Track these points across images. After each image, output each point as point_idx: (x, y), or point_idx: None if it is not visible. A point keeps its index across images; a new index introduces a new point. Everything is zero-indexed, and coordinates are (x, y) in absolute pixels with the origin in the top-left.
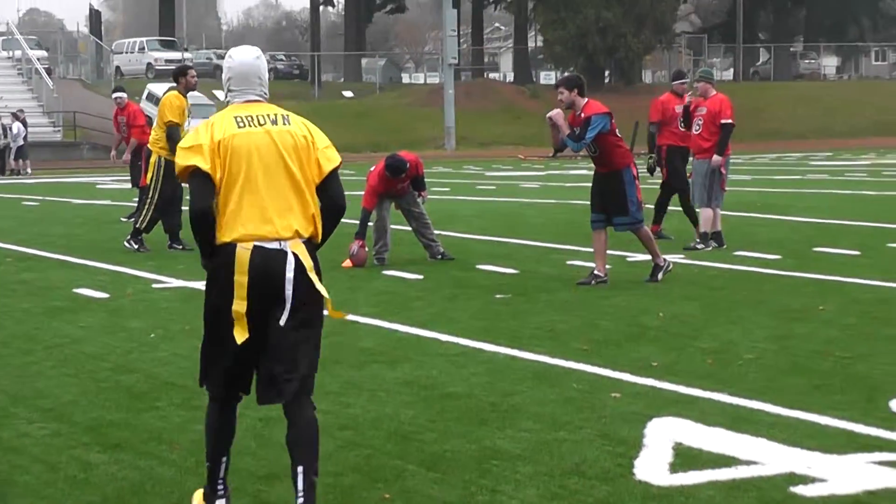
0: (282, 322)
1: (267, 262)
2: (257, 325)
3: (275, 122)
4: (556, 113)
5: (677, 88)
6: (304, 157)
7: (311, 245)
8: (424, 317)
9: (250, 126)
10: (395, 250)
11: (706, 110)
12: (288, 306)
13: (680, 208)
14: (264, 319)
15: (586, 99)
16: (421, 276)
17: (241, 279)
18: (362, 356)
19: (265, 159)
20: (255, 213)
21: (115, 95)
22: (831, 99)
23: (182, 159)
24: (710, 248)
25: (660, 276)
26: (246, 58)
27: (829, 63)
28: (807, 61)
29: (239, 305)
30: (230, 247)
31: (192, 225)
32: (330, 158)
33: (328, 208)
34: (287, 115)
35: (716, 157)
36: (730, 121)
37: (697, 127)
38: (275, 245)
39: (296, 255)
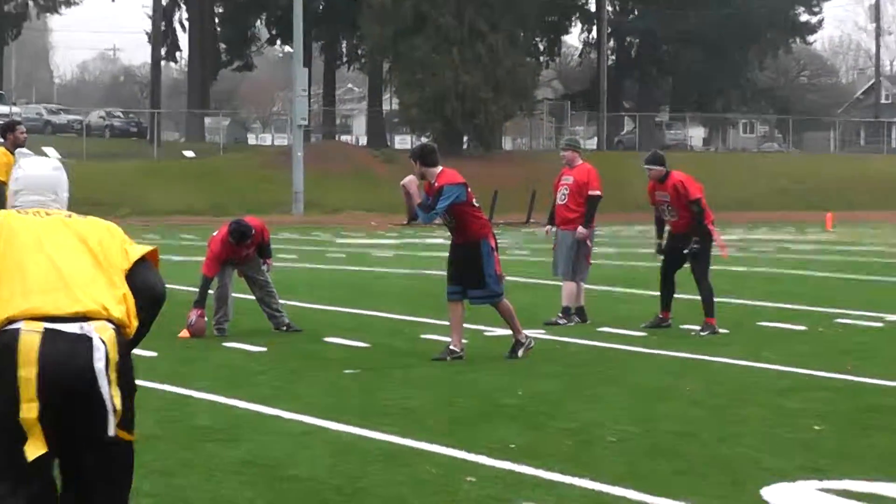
0: (110, 432)
1: (63, 351)
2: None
3: (68, 217)
4: (410, 180)
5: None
6: (105, 240)
7: (122, 337)
8: (266, 392)
9: (36, 216)
10: (236, 320)
11: (572, 180)
12: (111, 410)
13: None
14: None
15: (440, 167)
16: (264, 349)
17: (27, 374)
18: (197, 434)
19: (54, 235)
20: (43, 278)
21: None
22: (698, 171)
23: None
24: (573, 324)
25: (520, 352)
26: (40, 170)
27: (696, 134)
28: (673, 132)
29: (28, 411)
30: (7, 331)
31: None
32: (140, 248)
33: (143, 297)
34: (86, 216)
35: (581, 229)
36: (598, 192)
37: (563, 197)
38: (74, 328)
39: (104, 343)
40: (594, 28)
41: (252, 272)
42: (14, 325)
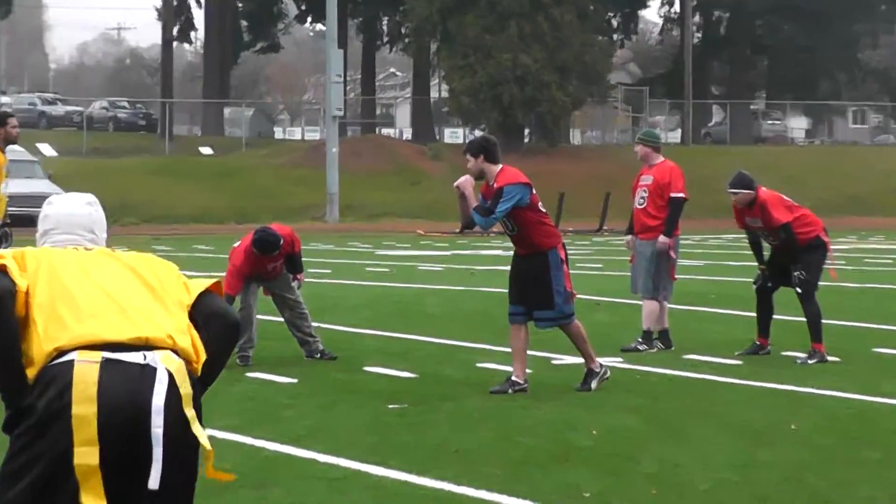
0: (151, 484)
1: (126, 385)
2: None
3: (113, 250)
4: (465, 180)
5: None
6: (160, 272)
7: (191, 372)
8: (298, 430)
9: (76, 250)
10: (262, 346)
11: (652, 180)
12: (159, 459)
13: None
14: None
15: (500, 165)
16: (295, 380)
17: (84, 412)
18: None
19: (101, 265)
20: (95, 303)
21: None
22: (800, 167)
23: None
24: (655, 350)
25: (594, 384)
26: (72, 207)
27: (798, 125)
28: (770, 122)
29: (86, 456)
30: (59, 364)
31: None
32: (203, 281)
33: (215, 326)
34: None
35: (662, 238)
36: (681, 194)
37: (641, 201)
38: (137, 357)
39: (170, 375)
40: (676, 1)
41: (280, 290)
42: (66, 357)
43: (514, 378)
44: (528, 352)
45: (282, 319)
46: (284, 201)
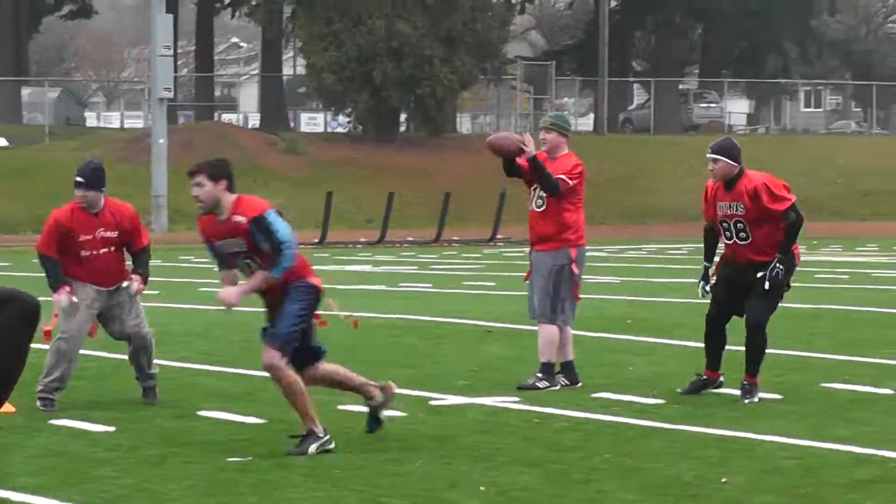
0: None
1: None
2: None
3: None
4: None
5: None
6: None
7: None
8: (116, 491)
9: None
10: (72, 385)
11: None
12: None
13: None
14: None
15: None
16: (112, 428)
17: None
18: None
19: None
20: None
21: None
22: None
23: None
24: (558, 387)
25: (313, 447)
26: None
27: (738, 107)
28: (704, 105)
29: None
30: None
31: None
32: None
33: None
34: None
35: (563, 251)
36: (569, 181)
37: (540, 202)
38: None
39: None
40: None
41: (121, 298)
42: None
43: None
44: (400, 390)
45: (93, 352)
46: None
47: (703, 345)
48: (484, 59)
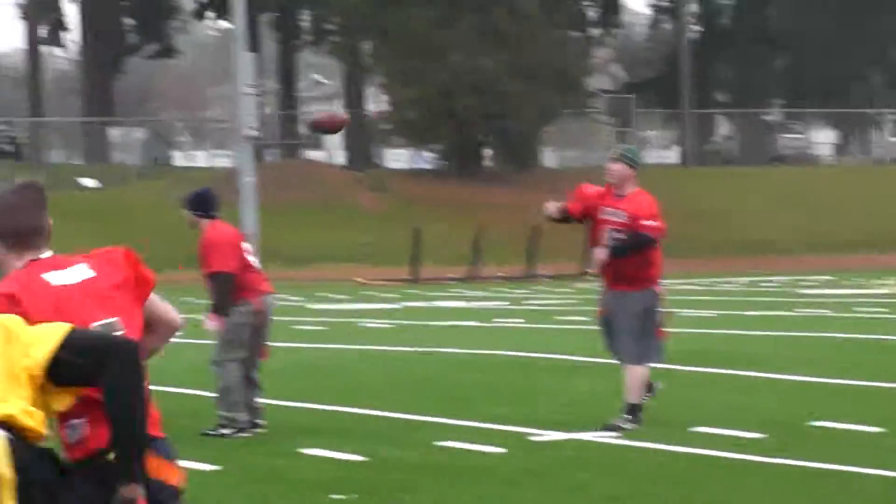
0: None
1: None
2: None
3: None
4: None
5: None
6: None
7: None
8: None
9: None
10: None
11: (626, 216)
12: None
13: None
14: None
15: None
16: (218, 467)
17: None
18: None
19: None
20: None
21: None
22: (829, 194)
23: None
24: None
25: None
26: None
27: (824, 138)
28: (790, 135)
29: None
30: None
31: None
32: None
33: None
34: None
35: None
36: (656, 225)
37: (612, 242)
38: None
39: None
40: None
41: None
42: None
43: None
44: (497, 426)
45: (194, 391)
46: (191, 247)
47: (805, 378)
48: (566, 93)
